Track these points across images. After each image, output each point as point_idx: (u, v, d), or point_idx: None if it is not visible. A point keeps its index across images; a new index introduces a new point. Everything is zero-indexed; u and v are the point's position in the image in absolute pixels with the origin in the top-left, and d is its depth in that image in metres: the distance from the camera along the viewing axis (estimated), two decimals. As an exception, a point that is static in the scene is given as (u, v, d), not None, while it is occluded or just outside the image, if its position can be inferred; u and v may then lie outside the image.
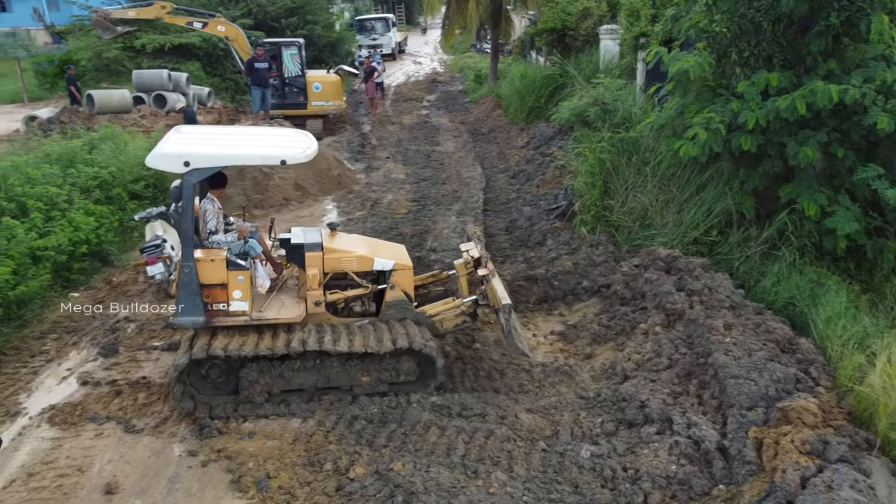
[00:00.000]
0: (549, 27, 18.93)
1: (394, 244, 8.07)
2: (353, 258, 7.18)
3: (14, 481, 6.01)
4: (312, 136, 7.42)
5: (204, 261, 6.69)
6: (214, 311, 6.79)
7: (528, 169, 14.92)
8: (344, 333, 6.93)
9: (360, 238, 8.03)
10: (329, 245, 7.17)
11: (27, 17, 41.05)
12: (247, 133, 8.36)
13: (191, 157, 6.36)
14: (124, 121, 16.90)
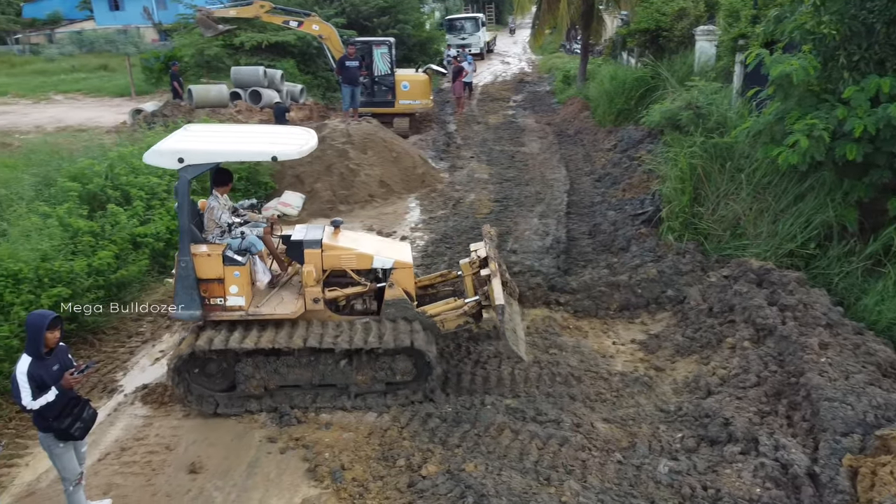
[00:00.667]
0: (643, 27, 18.45)
1: (400, 243, 8.02)
2: (352, 256, 7.10)
3: (108, 454, 6.38)
4: (314, 133, 7.36)
5: (200, 256, 6.71)
6: (212, 306, 6.82)
7: (615, 172, 14.61)
8: (338, 330, 6.89)
9: (366, 236, 8.05)
10: (328, 242, 7.10)
11: (137, 15, 43.58)
12: (251, 131, 8.37)
13: (184, 154, 6.41)
14: (221, 115, 17.64)
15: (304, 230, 7.30)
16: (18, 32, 47.99)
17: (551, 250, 10.75)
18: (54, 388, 4.89)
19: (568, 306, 9.07)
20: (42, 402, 4.84)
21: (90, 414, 5.23)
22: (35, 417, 5.00)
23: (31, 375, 4.84)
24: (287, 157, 6.68)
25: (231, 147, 6.90)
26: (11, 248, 7.87)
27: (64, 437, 5.07)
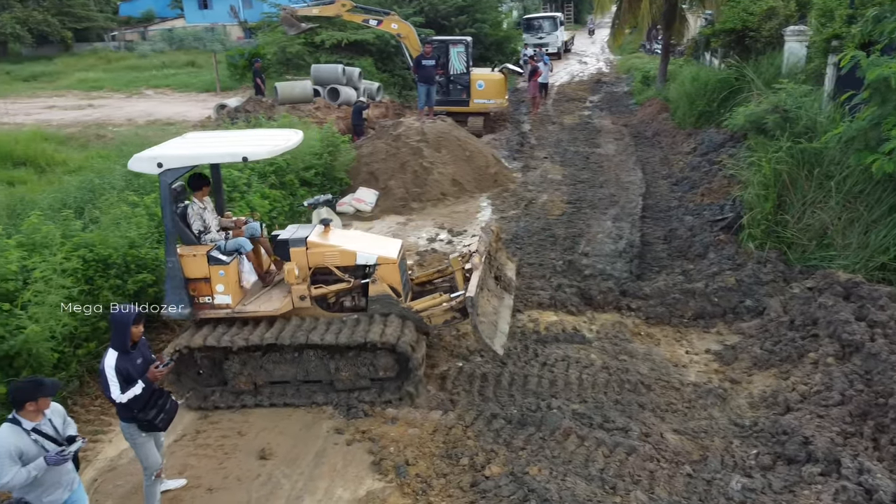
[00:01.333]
0: (728, 27, 17.80)
1: (392, 240, 7.93)
2: (335, 252, 7.14)
3: (184, 436, 6.64)
4: (301, 133, 7.55)
5: (186, 256, 6.89)
6: (200, 304, 7.01)
7: (693, 176, 14.19)
8: (318, 326, 6.94)
9: (356, 233, 8.11)
10: (313, 240, 7.16)
11: (225, 13, 45.19)
12: (238, 134, 8.40)
13: (163, 159, 6.60)
14: (300, 111, 18.07)
15: (293, 229, 7.47)
16: (115, 30, 50.58)
17: (624, 254, 10.53)
18: (141, 381, 5.05)
19: (640, 312, 8.86)
20: (130, 394, 5.00)
21: (172, 405, 5.35)
22: (120, 408, 5.14)
23: (118, 369, 4.99)
24: (256, 158, 6.84)
25: (207, 151, 7.02)
26: (102, 234, 8.28)
27: (148, 429, 5.20)
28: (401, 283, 7.24)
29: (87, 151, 15.87)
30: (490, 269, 7.78)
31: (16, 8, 39.85)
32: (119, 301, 7.90)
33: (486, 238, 7.83)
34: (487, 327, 6.84)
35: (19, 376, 6.58)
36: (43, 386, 4.35)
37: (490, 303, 7.39)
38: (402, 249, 7.55)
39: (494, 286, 7.84)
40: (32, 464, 4.25)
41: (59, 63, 38.59)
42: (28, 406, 4.31)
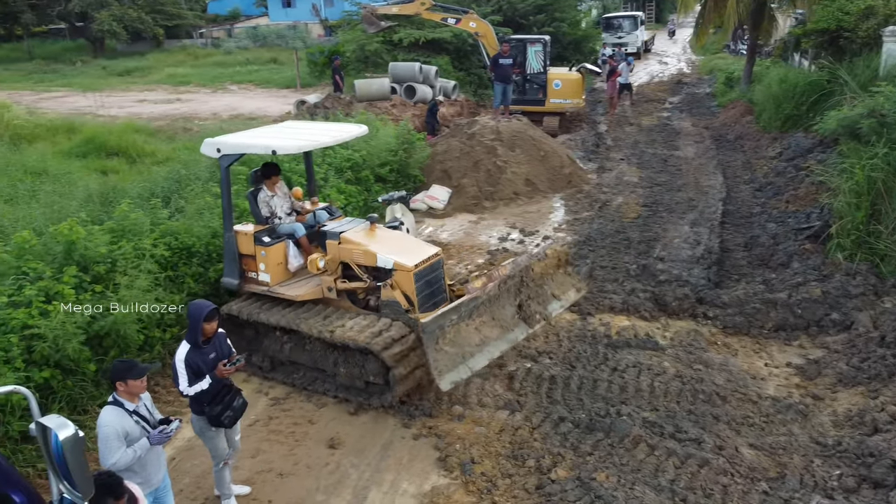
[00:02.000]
0: (821, 27, 16.99)
1: (428, 247, 7.53)
2: (360, 251, 7.19)
3: (258, 421, 6.85)
4: (360, 128, 7.94)
5: (240, 233, 7.57)
6: (248, 279, 7.64)
7: (778, 182, 13.62)
8: (321, 318, 7.08)
9: (397, 235, 7.86)
10: (347, 235, 7.31)
11: (306, 12, 46.30)
12: (307, 127, 8.66)
13: (220, 145, 7.35)
14: (377, 108, 18.34)
15: (344, 223, 7.70)
16: (203, 27, 52.60)
17: (702, 261, 10.21)
18: (208, 376, 5.11)
19: (717, 321, 8.58)
20: (197, 388, 5.07)
21: (240, 403, 5.36)
22: (191, 402, 5.25)
23: (188, 363, 5.07)
24: (285, 152, 7.27)
25: (254, 141, 7.45)
26: (187, 223, 8.63)
27: (215, 424, 5.25)
28: (415, 293, 7.02)
29: (174, 143, 16.57)
30: (514, 296, 7.22)
31: (113, 6, 41.93)
32: (200, 288, 8.22)
33: (517, 265, 7.29)
34: (447, 358, 6.33)
35: (107, 355, 6.94)
36: (132, 369, 4.46)
37: (480, 333, 6.77)
38: (430, 259, 7.25)
39: (509, 315, 7.15)
40: (137, 444, 4.37)
41: (151, 59, 40.41)
42: (118, 386, 4.44)
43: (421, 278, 7.11)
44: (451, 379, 6.27)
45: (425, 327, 6.16)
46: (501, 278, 6.94)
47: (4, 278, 6.77)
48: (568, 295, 7.94)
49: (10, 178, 11.56)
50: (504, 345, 6.89)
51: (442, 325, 6.33)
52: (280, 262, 7.56)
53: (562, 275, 8.02)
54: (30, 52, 45.44)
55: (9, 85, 32.19)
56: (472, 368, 6.45)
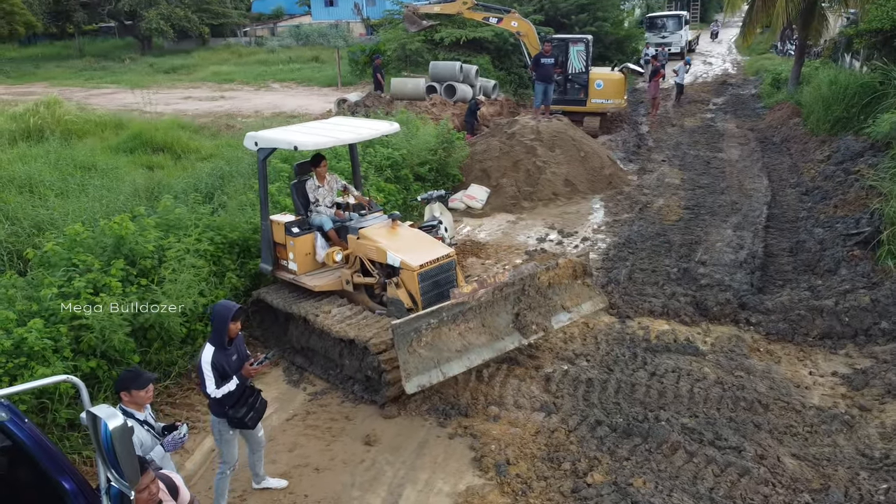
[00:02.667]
0: (874, 27, 16.49)
1: (441, 248, 7.60)
2: (374, 247, 7.45)
3: (295, 416, 6.94)
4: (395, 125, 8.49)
5: (275, 223, 7.99)
6: (280, 266, 8.07)
7: (826, 186, 13.27)
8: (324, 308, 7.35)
9: (414, 235, 7.89)
10: (365, 231, 7.60)
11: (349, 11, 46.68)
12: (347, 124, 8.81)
13: (258, 139, 7.77)
14: (417, 107, 18.40)
15: (370, 219, 7.99)
16: (247, 26, 53.45)
17: (745, 265, 10.01)
18: (235, 377, 5.10)
19: (760, 327, 8.41)
20: (225, 390, 5.04)
21: (262, 403, 5.37)
22: (213, 403, 5.18)
23: (214, 364, 5.03)
24: (305, 148, 7.49)
25: (279, 136, 7.79)
26: (229, 219, 8.78)
27: (237, 425, 5.24)
28: (419, 292, 7.11)
29: (218, 140, 16.86)
30: (512, 305, 7.00)
31: (161, 5, 42.88)
32: (241, 283, 8.36)
33: (519, 273, 7.08)
34: (419, 361, 6.23)
35: (151, 347, 7.10)
36: (136, 379, 4.40)
37: (464, 339, 6.59)
38: (440, 260, 7.32)
39: (502, 324, 6.92)
40: (153, 452, 4.39)
41: (196, 57, 41.21)
42: (123, 396, 4.40)
43: (427, 278, 7.19)
44: (419, 382, 6.19)
45: (397, 329, 6.13)
46: (495, 285, 6.79)
47: (55, 269, 6.99)
48: (581, 307, 7.64)
49: (62, 172, 11.89)
50: (488, 353, 6.70)
51: (418, 328, 6.28)
52: (308, 253, 7.92)
53: (579, 285, 7.73)
54: (80, 49, 46.76)
55: (60, 81, 33.17)
56: (445, 374, 6.35)
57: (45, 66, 39.92)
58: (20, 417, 2.75)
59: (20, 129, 15.86)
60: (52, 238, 7.51)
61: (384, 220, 7.90)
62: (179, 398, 7.12)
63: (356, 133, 8.01)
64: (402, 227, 7.88)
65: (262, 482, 5.86)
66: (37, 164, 11.99)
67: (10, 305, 6.47)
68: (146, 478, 3.22)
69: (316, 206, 8.13)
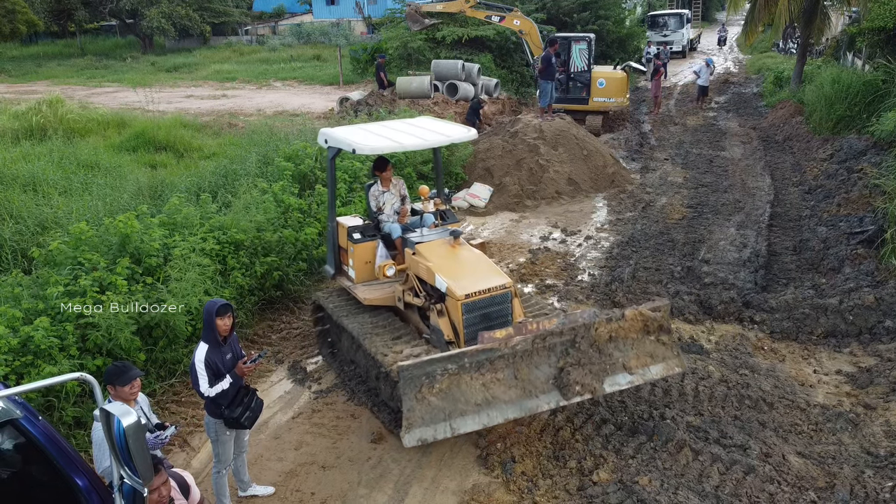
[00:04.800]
0: (877, 26, 16.50)
1: (497, 278, 6.50)
2: (425, 266, 6.63)
3: (301, 414, 6.95)
4: (472, 131, 7.75)
5: (340, 226, 7.73)
6: (342, 271, 7.79)
7: (829, 185, 13.27)
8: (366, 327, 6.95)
9: (474, 258, 6.84)
10: (422, 247, 6.87)
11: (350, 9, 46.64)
12: (426, 126, 8.04)
13: (328, 137, 7.48)
14: (420, 106, 18.40)
15: (433, 233, 7.30)
16: (248, 25, 53.43)
17: (748, 264, 10.02)
18: (229, 376, 5.06)
19: (764, 326, 8.41)
20: (218, 389, 4.99)
21: (258, 403, 5.33)
22: (208, 403, 5.15)
23: (207, 363, 4.99)
24: (361, 152, 6.96)
25: (342, 136, 7.27)
26: (235, 218, 8.79)
27: (233, 426, 5.19)
28: (462, 324, 6.23)
29: (220, 139, 16.87)
30: (557, 357, 5.80)
31: (163, 4, 42.87)
32: (246, 282, 8.37)
33: (571, 321, 5.86)
34: (428, 410, 5.34)
35: (157, 345, 7.12)
36: (121, 374, 4.35)
37: (488, 391, 5.56)
38: (491, 290, 6.35)
39: (541, 378, 5.76)
40: None
41: (198, 55, 41.22)
42: (109, 390, 4.35)
43: (474, 310, 6.28)
44: (421, 435, 5.30)
45: (404, 372, 5.28)
46: (537, 333, 5.69)
47: (61, 268, 7.00)
48: (650, 369, 6.12)
49: (65, 171, 11.91)
50: (515, 412, 5.60)
51: (431, 373, 5.36)
52: (368, 261, 7.45)
53: (651, 342, 6.22)
54: (82, 48, 46.79)
55: (62, 80, 33.18)
56: (454, 430, 5.42)
57: (46, 65, 39.94)
58: (34, 415, 2.76)
59: (23, 128, 15.89)
60: (57, 237, 7.52)
61: (445, 237, 7.08)
62: (185, 396, 7.13)
63: (422, 139, 7.27)
64: (463, 248, 6.97)
65: (249, 489, 5.78)
66: (40, 163, 12.00)
67: (17, 304, 6.49)
68: (158, 478, 3.24)
69: (380, 214, 7.66)
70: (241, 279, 8.26)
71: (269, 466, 6.17)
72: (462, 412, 5.42)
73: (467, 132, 7.63)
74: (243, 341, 8.16)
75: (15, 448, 2.80)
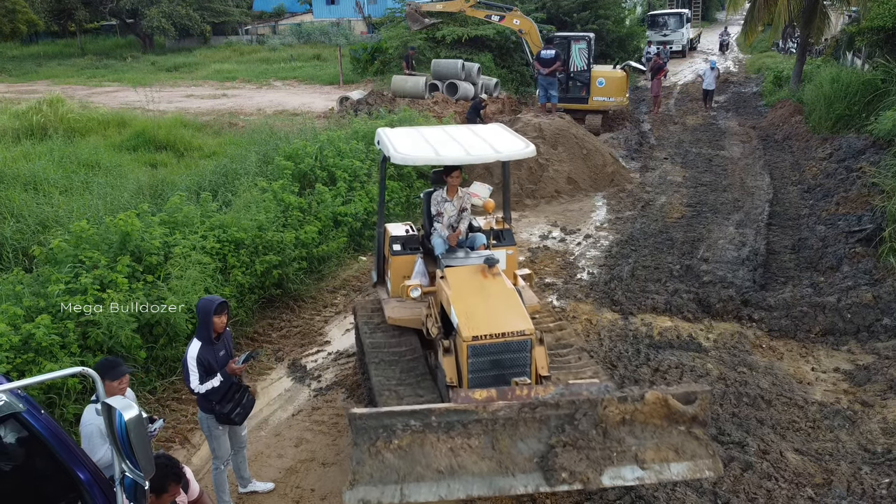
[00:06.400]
0: (876, 25, 16.52)
1: (523, 320, 5.53)
2: (445, 294, 5.88)
3: (301, 411, 6.98)
4: (530, 147, 6.75)
5: (386, 232, 7.26)
6: (383, 280, 7.35)
7: (828, 184, 13.30)
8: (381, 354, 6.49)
9: (503, 293, 5.85)
10: (450, 272, 6.10)
11: (350, 9, 46.66)
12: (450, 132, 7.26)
13: (380, 137, 6.99)
14: (420, 105, 18.43)
15: (470, 256, 6.54)
16: (248, 24, 53.46)
17: (747, 262, 10.05)
18: (219, 373, 5.09)
19: (762, 324, 8.45)
20: (208, 386, 5.03)
21: (249, 400, 5.36)
22: (200, 399, 5.21)
23: (199, 360, 5.01)
24: (395, 161, 6.40)
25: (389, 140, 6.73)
26: (235, 217, 8.82)
27: (224, 421, 5.22)
28: (466, 368, 5.45)
29: (220, 138, 16.89)
30: (549, 433, 4.54)
31: (163, 3, 42.89)
32: (247, 280, 8.40)
33: (572, 393, 4.63)
34: (380, 469, 4.38)
35: (157, 343, 7.14)
36: (111, 370, 4.38)
37: (455, 458, 4.47)
38: (508, 335, 5.44)
39: (523, 454, 4.53)
40: None
41: (198, 55, 41.21)
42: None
43: (481, 354, 5.46)
44: (364, 496, 4.36)
45: (356, 421, 4.39)
46: (525, 401, 4.58)
47: (62, 266, 7.03)
48: (670, 467, 4.54)
49: (66, 170, 11.93)
50: (481, 489, 4.45)
51: (390, 427, 4.44)
52: (405, 276, 6.78)
53: (679, 434, 4.65)
54: (82, 47, 46.79)
55: (62, 80, 33.19)
56: (405, 496, 4.42)
57: (47, 65, 39.95)
58: (37, 409, 2.80)
59: (23, 127, 15.91)
60: (58, 235, 7.55)
61: (478, 263, 6.19)
62: (185, 394, 7.15)
63: (467, 152, 6.43)
64: (495, 279, 6.00)
65: (249, 485, 5.80)
66: (41, 162, 12.02)
67: (18, 301, 6.52)
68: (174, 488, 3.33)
69: (437, 222, 6.87)
70: (241, 277, 8.28)
71: (269, 463, 6.20)
72: (419, 477, 4.44)
73: (524, 148, 6.71)
74: (244, 339, 8.20)
75: (18, 442, 2.83)
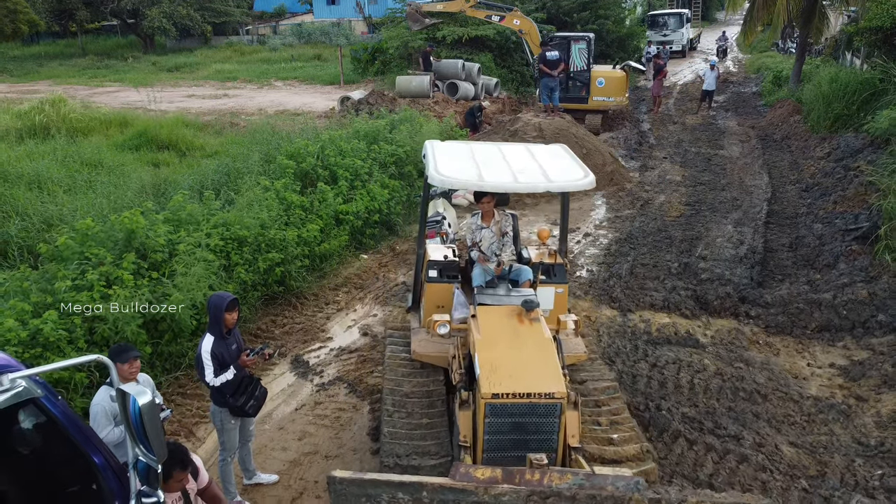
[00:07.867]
0: (875, 25, 16.60)
1: (556, 382, 4.77)
2: (474, 341, 5.25)
3: (304, 406, 7.08)
4: (589, 178, 5.89)
5: (426, 255, 6.76)
6: (417, 305, 6.89)
7: (826, 183, 13.40)
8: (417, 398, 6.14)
9: (539, 346, 5.18)
10: (483, 310, 5.60)
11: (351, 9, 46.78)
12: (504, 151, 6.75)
13: (426, 151, 6.53)
14: (420, 105, 18.53)
15: (510, 296, 6.06)
16: (249, 24, 53.55)
17: (745, 260, 10.15)
18: (233, 366, 5.22)
19: (759, 320, 8.56)
20: (222, 379, 5.16)
21: (262, 392, 5.48)
22: (213, 393, 5.31)
23: (213, 354, 5.13)
24: (432, 181, 5.94)
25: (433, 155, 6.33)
26: (238, 215, 8.92)
27: (238, 414, 5.35)
28: (482, 429, 4.77)
29: (222, 138, 16.98)
30: None
31: (164, 3, 42.98)
32: (250, 277, 8.50)
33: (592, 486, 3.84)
34: None
35: (162, 339, 7.25)
36: (120, 353, 4.56)
37: None
38: (534, 397, 4.70)
39: None
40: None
41: (199, 55, 41.28)
42: None
43: (501, 414, 4.76)
44: None
45: (336, 486, 3.93)
46: (536, 489, 3.86)
47: (68, 263, 7.13)
48: None
49: (69, 169, 12.02)
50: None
51: (375, 497, 3.92)
52: (438, 306, 6.27)
53: None
54: (83, 48, 46.87)
55: (64, 80, 33.29)
56: None
57: (48, 65, 40.04)
58: (53, 394, 2.89)
59: (26, 127, 16.01)
60: (63, 233, 7.64)
61: (515, 306, 5.57)
62: (190, 388, 7.26)
63: (514, 179, 5.77)
64: (532, 326, 5.37)
65: (254, 477, 5.93)
66: (44, 162, 12.11)
67: (25, 297, 6.62)
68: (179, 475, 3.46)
69: (473, 250, 6.47)
70: (244, 274, 8.38)
71: (273, 456, 6.31)
72: None
73: (580, 179, 5.89)
74: (247, 335, 8.29)
75: (36, 427, 2.93)
